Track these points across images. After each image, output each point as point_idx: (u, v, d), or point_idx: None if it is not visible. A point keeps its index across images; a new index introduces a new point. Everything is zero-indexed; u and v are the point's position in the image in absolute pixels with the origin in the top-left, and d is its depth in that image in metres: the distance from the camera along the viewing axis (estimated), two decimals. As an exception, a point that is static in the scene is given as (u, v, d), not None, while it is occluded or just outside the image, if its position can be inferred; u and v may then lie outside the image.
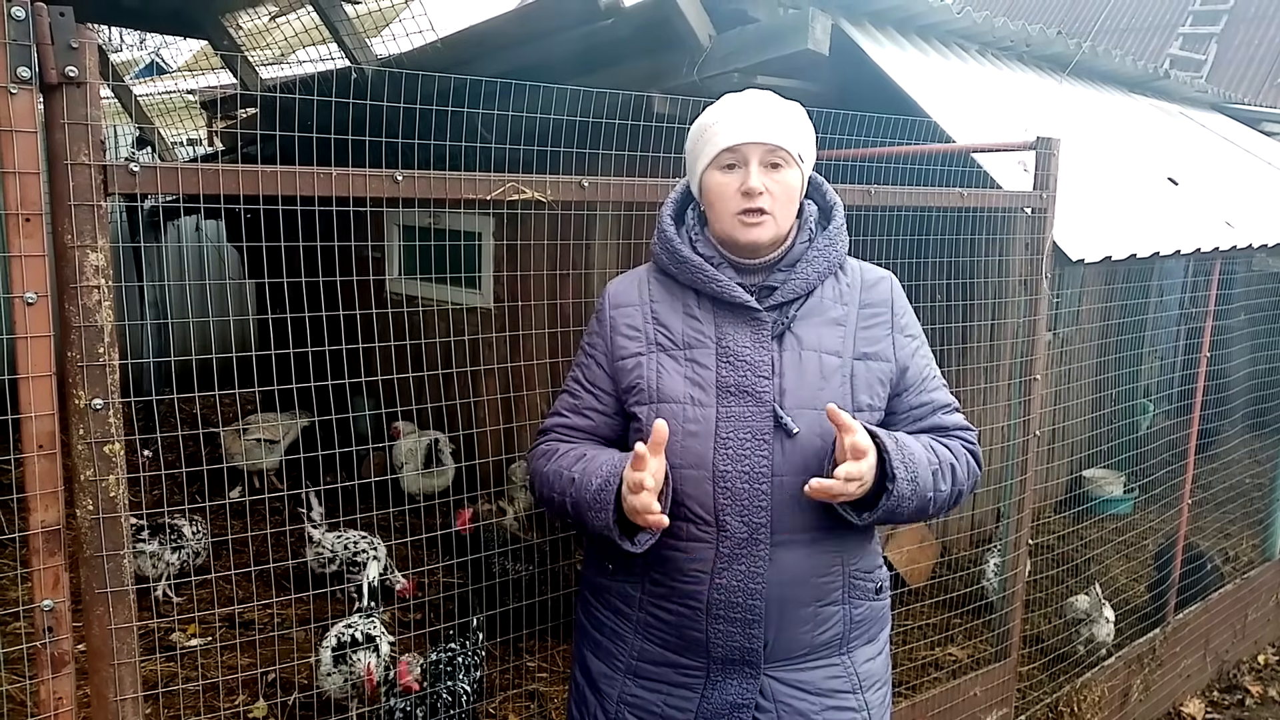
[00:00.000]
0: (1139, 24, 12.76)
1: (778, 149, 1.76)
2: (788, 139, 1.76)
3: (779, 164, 1.77)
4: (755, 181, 1.74)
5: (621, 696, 1.92)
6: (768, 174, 1.76)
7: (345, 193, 1.82)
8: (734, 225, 1.79)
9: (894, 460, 1.70)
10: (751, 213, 1.76)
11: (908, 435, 1.82)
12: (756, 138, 1.75)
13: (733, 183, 1.77)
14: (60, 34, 1.49)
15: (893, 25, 4.27)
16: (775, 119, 1.77)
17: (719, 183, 1.79)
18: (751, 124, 1.75)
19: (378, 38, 5.32)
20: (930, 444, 1.83)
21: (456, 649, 3.11)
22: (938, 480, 1.79)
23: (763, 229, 1.78)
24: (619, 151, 3.07)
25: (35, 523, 1.60)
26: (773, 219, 1.78)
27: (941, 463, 1.81)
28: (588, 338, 1.97)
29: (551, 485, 1.86)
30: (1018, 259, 3.27)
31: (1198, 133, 6.23)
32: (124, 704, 1.72)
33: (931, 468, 1.78)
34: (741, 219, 1.77)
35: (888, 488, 1.70)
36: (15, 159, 1.50)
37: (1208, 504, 5.21)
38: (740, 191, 1.76)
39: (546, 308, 3.41)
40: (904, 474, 1.70)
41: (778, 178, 1.77)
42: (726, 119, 1.78)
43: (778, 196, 1.77)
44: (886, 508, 1.72)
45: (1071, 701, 3.74)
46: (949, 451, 1.86)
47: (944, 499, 1.82)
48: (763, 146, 1.75)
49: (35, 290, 1.54)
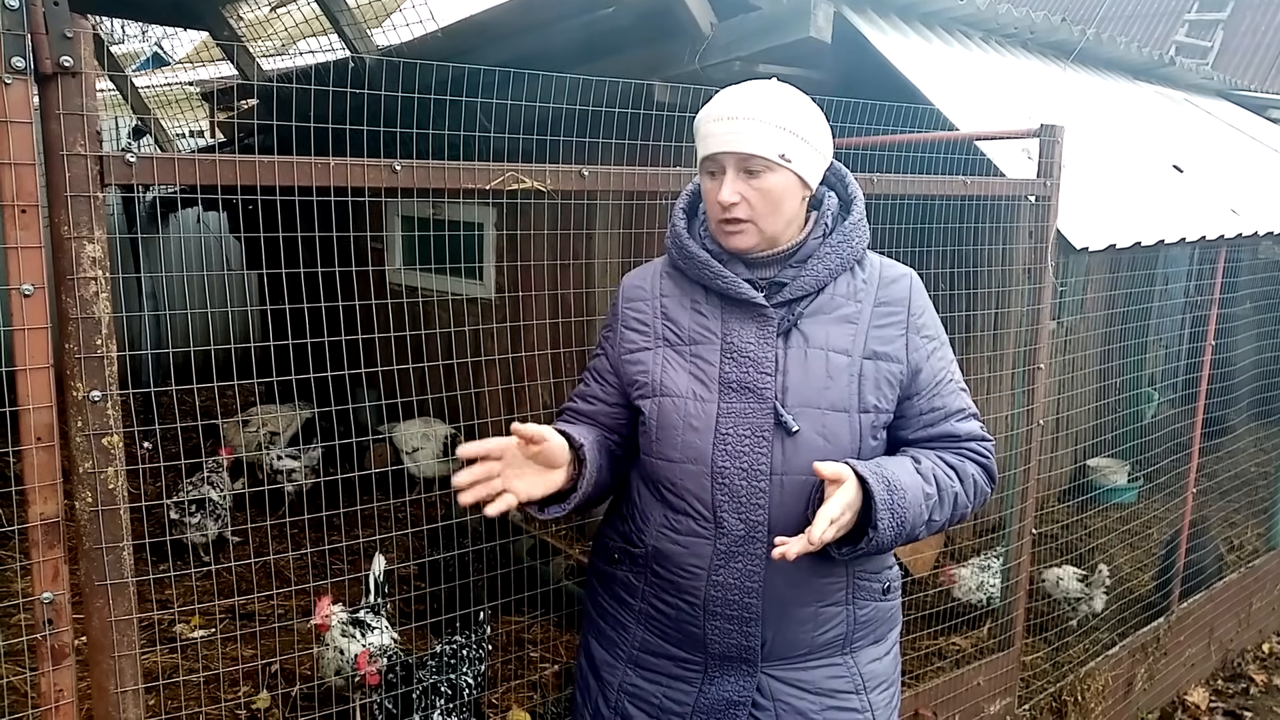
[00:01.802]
0: (1144, 10, 12.69)
1: (752, 157, 1.68)
2: (764, 144, 1.68)
3: (757, 170, 1.69)
4: (727, 194, 1.70)
5: (622, 685, 1.92)
6: (745, 181, 1.70)
7: (343, 183, 1.81)
8: (717, 231, 1.78)
9: (879, 510, 1.64)
10: (729, 222, 1.73)
11: (907, 466, 1.75)
12: (727, 147, 1.69)
13: (715, 190, 1.73)
14: (55, 24, 1.48)
15: (895, 12, 4.25)
16: (751, 123, 1.68)
17: (706, 188, 1.77)
18: (725, 132, 1.69)
19: (378, 28, 5.30)
20: (935, 470, 1.77)
21: (461, 641, 3.11)
22: (932, 514, 1.74)
23: (742, 237, 1.75)
24: (620, 140, 3.05)
25: (34, 515, 1.60)
26: (754, 226, 1.73)
27: (942, 492, 1.76)
28: (604, 328, 1.97)
29: None
30: (1022, 247, 3.25)
31: (1203, 120, 6.19)
32: (124, 695, 1.72)
33: (929, 502, 1.73)
34: (721, 226, 1.75)
35: (869, 533, 1.66)
36: (10, 150, 1.49)
37: (1212, 493, 5.20)
38: (717, 201, 1.73)
39: (548, 297, 3.40)
40: (888, 522, 1.65)
41: (756, 185, 1.70)
42: (706, 124, 1.73)
43: (756, 205, 1.71)
44: (866, 551, 1.68)
45: (1075, 690, 3.73)
46: (955, 475, 1.80)
47: (938, 526, 1.78)
48: (735, 155, 1.69)
49: (32, 282, 1.53)
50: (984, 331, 4.23)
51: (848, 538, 1.68)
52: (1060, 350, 5.09)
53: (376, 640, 3.14)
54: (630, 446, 1.93)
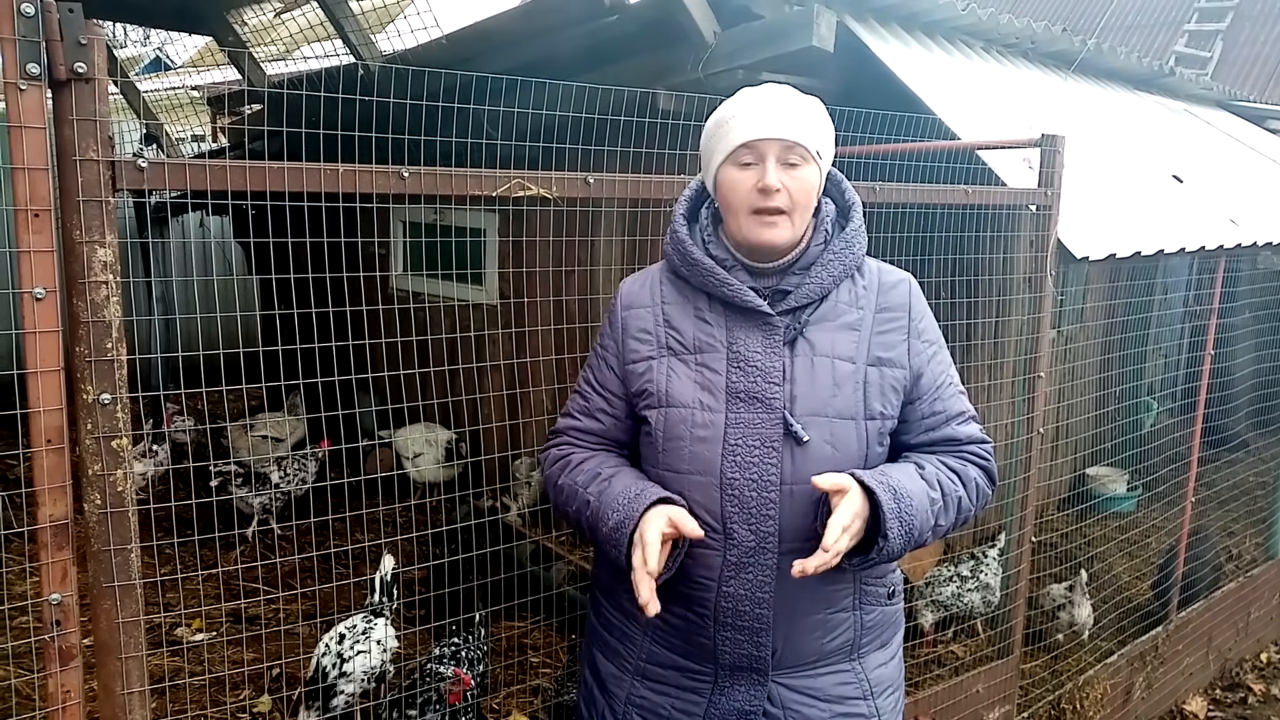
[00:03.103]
0: (1144, 21, 12.72)
1: (796, 145, 1.69)
2: (806, 135, 1.70)
3: (796, 162, 1.70)
4: (772, 178, 1.68)
5: (630, 698, 1.90)
6: (785, 171, 1.70)
7: (352, 189, 1.82)
8: (749, 224, 1.73)
9: (888, 519, 1.64)
10: (767, 212, 1.71)
11: (911, 472, 1.75)
12: (774, 133, 1.68)
13: (749, 179, 1.71)
14: (70, 30, 1.49)
15: (898, 22, 4.27)
16: (794, 114, 1.70)
17: (735, 179, 1.73)
18: (769, 119, 1.69)
19: (382, 34, 5.32)
20: (939, 476, 1.78)
21: (459, 643, 3.11)
22: (938, 519, 1.75)
23: (778, 230, 1.72)
24: (624, 148, 3.07)
25: (43, 517, 1.61)
26: (789, 220, 1.72)
27: (947, 497, 1.76)
28: (599, 338, 1.93)
29: (568, 501, 1.85)
30: (1022, 256, 3.27)
31: (1203, 130, 6.22)
32: (130, 697, 1.73)
33: (935, 507, 1.73)
34: (757, 218, 1.72)
35: (879, 542, 1.66)
36: (24, 155, 1.50)
37: (1210, 502, 5.21)
38: (757, 189, 1.70)
39: (551, 304, 3.41)
40: (897, 530, 1.65)
41: (795, 175, 1.70)
42: (744, 113, 1.72)
43: (795, 195, 1.71)
44: (877, 560, 1.69)
45: (1074, 699, 3.74)
46: (958, 479, 1.80)
47: (943, 531, 1.79)
48: (780, 143, 1.69)
49: (44, 285, 1.54)
50: (984, 340, 4.24)
51: (858, 548, 1.68)
52: (1060, 359, 5.10)
53: (378, 641, 3.14)
54: (637, 458, 1.91)
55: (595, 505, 1.76)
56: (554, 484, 1.89)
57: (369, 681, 3.13)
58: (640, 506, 1.69)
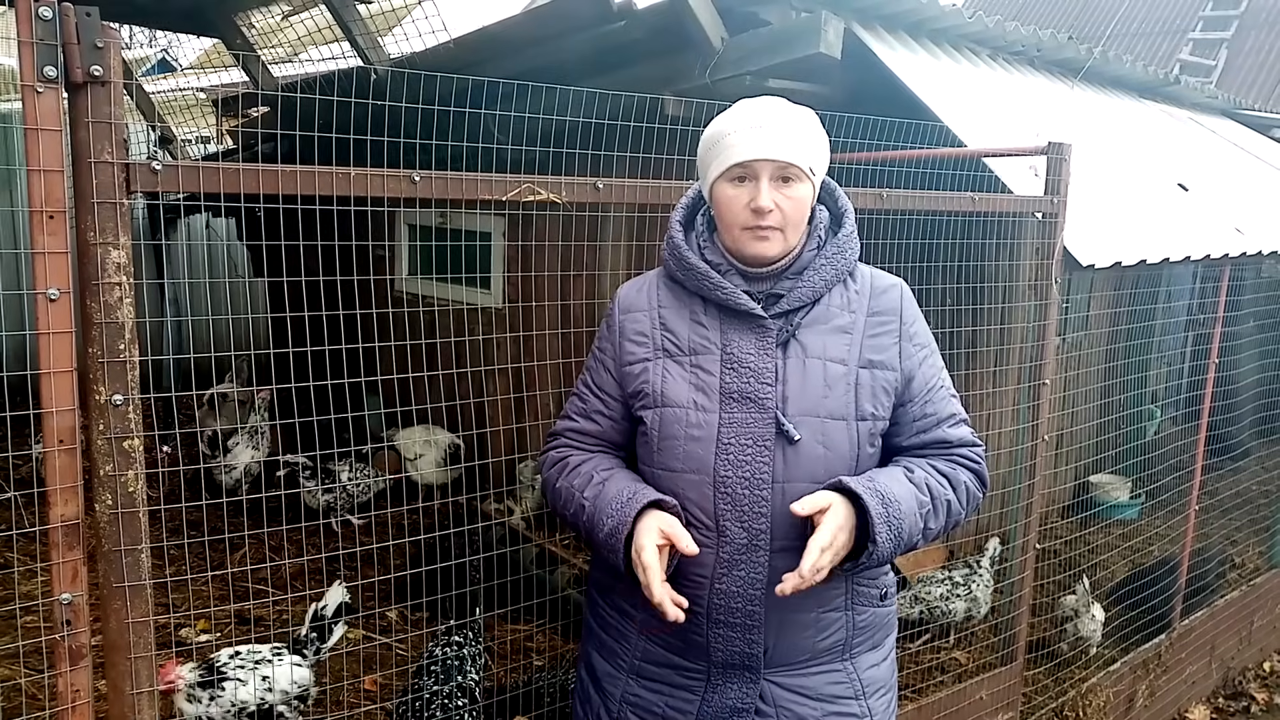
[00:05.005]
0: (1149, 29, 12.74)
1: (789, 165, 1.74)
2: (800, 154, 1.75)
3: (790, 179, 1.75)
4: (765, 200, 1.73)
5: (624, 696, 1.94)
6: (778, 189, 1.75)
7: (363, 193, 1.84)
8: (743, 239, 1.79)
9: (876, 524, 1.68)
10: (760, 229, 1.76)
11: (899, 476, 1.79)
12: (768, 154, 1.73)
13: (742, 197, 1.76)
14: (86, 33, 1.51)
15: (905, 29, 4.28)
16: (788, 133, 1.75)
17: (729, 195, 1.78)
18: (763, 140, 1.73)
19: (390, 37, 5.33)
20: (928, 479, 1.81)
21: (461, 641, 3.11)
22: (927, 522, 1.78)
23: (770, 244, 1.78)
24: (631, 153, 3.07)
25: (55, 517, 1.62)
26: (782, 235, 1.78)
27: (936, 501, 1.80)
28: (597, 342, 1.98)
29: (565, 504, 1.89)
30: (1028, 264, 3.27)
31: (1208, 138, 6.22)
32: (140, 697, 1.74)
33: (923, 510, 1.77)
34: (750, 233, 1.77)
35: (869, 548, 1.70)
36: (40, 157, 1.52)
37: (1214, 510, 5.20)
38: (750, 208, 1.75)
39: (557, 308, 3.42)
40: (885, 535, 1.69)
41: (789, 193, 1.76)
42: (739, 131, 1.76)
43: (788, 213, 1.76)
44: (867, 565, 1.73)
45: (1077, 706, 3.74)
46: (948, 483, 1.84)
47: (934, 534, 1.83)
48: (774, 163, 1.74)
49: (58, 286, 1.56)
50: (989, 347, 4.25)
51: (849, 554, 1.72)
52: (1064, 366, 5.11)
53: (264, 677, 2.79)
54: (634, 459, 1.95)
55: (590, 510, 1.81)
56: (552, 487, 1.94)
57: (238, 718, 2.76)
58: (632, 512, 1.74)
